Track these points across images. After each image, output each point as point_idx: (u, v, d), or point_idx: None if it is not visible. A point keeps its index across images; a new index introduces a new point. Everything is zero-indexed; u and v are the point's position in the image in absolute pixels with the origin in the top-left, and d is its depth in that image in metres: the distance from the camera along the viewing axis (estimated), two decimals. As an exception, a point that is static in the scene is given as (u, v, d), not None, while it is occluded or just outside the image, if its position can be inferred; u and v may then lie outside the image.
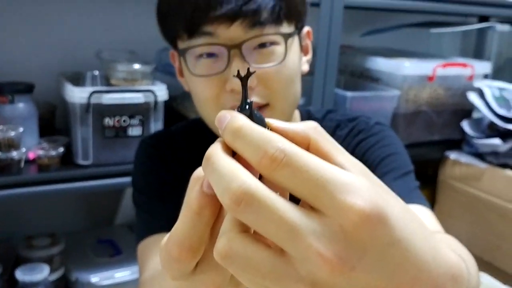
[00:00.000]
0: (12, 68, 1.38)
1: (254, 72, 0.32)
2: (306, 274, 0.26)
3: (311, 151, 0.28)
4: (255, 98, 0.67)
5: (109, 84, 1.23)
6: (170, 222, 0.63)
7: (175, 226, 0.33)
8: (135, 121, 1.23)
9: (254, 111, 0.31)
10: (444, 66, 1.55)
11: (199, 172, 0.32)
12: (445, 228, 0.64)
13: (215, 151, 0.29)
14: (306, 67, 0.75)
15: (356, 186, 0.26)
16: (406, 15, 1.96)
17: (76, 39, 1.49)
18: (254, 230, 0.27)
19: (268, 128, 0.30)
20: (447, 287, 0.30)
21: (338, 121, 0.81)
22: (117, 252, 1.42)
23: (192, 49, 0.65)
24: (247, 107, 0.31)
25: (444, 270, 0.30)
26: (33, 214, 1.52)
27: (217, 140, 0.30)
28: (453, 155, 1.63)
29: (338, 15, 1.39)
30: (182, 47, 0.67)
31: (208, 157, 0.29)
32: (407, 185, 0.71)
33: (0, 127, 1.12)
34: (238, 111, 0.31)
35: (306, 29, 0.74)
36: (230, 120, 0.29)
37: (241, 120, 0.29)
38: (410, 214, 0.29)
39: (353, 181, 0.26)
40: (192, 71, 0.66)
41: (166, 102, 1.27)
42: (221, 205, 0.31)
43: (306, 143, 0.29)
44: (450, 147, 1.67)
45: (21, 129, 1.13)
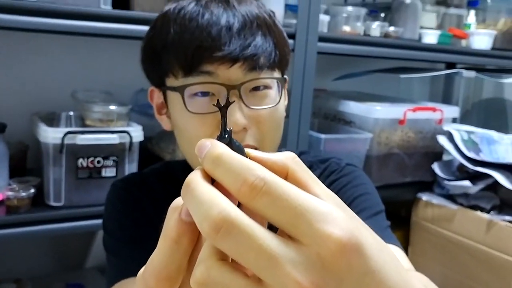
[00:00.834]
0: (-15, 108, 1.36)
1: (233, 101, 0.33)
2: None
3: (289, 181, 0.29)
4: (249, 140, 0.68)
5: (84, 125, 1.22)
6: (141, 267, 0.61)
7: (152, 256, 0.33)
8: (110, 162, 1.21)
9: (233, 139, 0.32)
10: (414, 110, 1.60)
11: (177, 202, 0.32)
12: (418, 269, 0.64)
13: (195, 178, 0.29)
14: (285, 113, 0.77)
15: (333, 216, 0.27)
16: (377, 61, 2.03)
17: (51, 79, 1.49)
18: (232, 259, 0.27)
19: (247, 157, 0.30)
20: None
21: (311, 162, 0.83)
22: (86, 297, 1.38)
23: (190, 87, 0.66)
24: (226, 136, 0.32)
25: None
26: (-1, 257, 1.47)
27: (196, 168, 0.30)
28: (425, 197, 1.66)
29: (312, 60, 1.44)
30: (177, 85, 0.67)
31: (188, 183, 0.29)
32: (379, 224, 0.73)
33: (-31, 167, 1.10)
34: (218, 139, 0.31)
35: (285, 77, 0.77)
36: (210, 148, 0.29)
37: (221, 148, 0.29)
38: (383, 246, 0.30)
39: (330, 211, 0.27)
40: (188, 108, 0.67)
41: (141, 143, 1.27)
42: (199, 233, 0.31)
43: (285, 172, 0.30)
44: (422, 189, 1.70)
45: (-9, 170, 1.11)
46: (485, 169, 1.50)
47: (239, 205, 0.28)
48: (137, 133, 1.24)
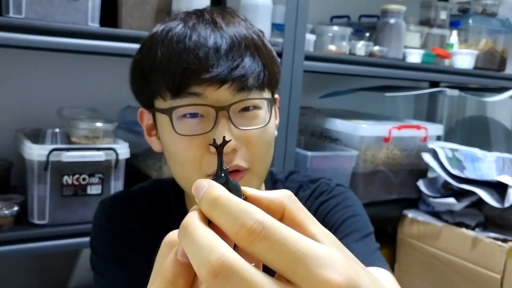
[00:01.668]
0: (-32, 124, 1.35)
1: (230, 141, 0.33)
2: None
3: (285, 220, 0.29)
4: (239, 161, 0.67)
5: (70, 142, 1.21)
6: (128, 286, 0.60)
7: None
8: (95, 180, 1.21)
9: (230, 178, 0.32)
10: (399, 128, 1.62)
11: (171, 238, 0.32)
12: (404, 286, 0.64)
13: (192, 220, 0.29)
14: (276, 132, 0.77)
15: (332, 260, 0.27)
16: (362, 79, 2.06)
17: (36, 96, 1.48)
18: None
19: (243, 196, 0.31)
20: None
21: (301, 182, 0.83)
22: (70, 317, 1.35)
23: (178, 109, 0.65)
24: (222, 175, 0.31)
25: None
26: (-20, 277, 1.44)
27: (193, 208, 0.30)
28: (410, 214, 1.67)
29: (298, 79, 1.45)
30: (165, 107, 0.66)
31: (185, 226, 0.29)
32: (368, 247, 0.72)
33: (-48, 184, 1.08)
34: (214, 179, 0.31)
35: (276, 96, 0.77)
36: (207, 189, 0.29)
37: (219, 190, 0.29)
38: (377, 284, 0.30)
39: (329, 255, 0.27)
40: (176, 131, 0.66)
41: (127, 160, 1.26)
42: (195, 273, 0.30)
43: (281, 211, 0.30)
44: (408, 206, 1.71)
45: (-26, 187, 1.09)
46: (470, 186, 1.52)
47: (234, 246, 0.28)
48: (123, 150, 1.24)
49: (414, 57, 1.78)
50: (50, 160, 1.14)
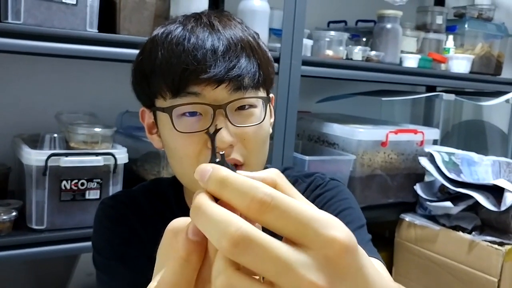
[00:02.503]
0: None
1: (221, 128, 0.35)
2: None
3: None
4: (235, 155, 0.70)
5: (69, 147, 1.21)
6: (130, 283, 0.62)
7: (162, 276, 0.35)
8: (93, 184, 1.21)
9: (226, 161, 0.35)
10: (396, 133, 1.63)
11: (175, 225, 0.34)
12: (402, 290, 0.65)
13: (204, 200, 0.31)
14: (271, 129, 0.80)
15: (334, 221, 0.30)
16: (359, 84, 2.07)
17: (35, 101, 1.48)
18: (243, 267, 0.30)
19: None
20: None
21: (296, 177, 0.86)
22: (68, 322, 1.35)
23: (178, 107, 0.68)
24: (217, 160, 0.34)
25: None
26: (-22, 282, 1.43)
27: (198, 192, 0.32)
28: (408, 217, 1.68)
29: (296, 83, 1.46)
30: (166, 105, 0.70)
31: (198, 206, 0.31)
32: (362, 237, 0.76)
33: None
34: (212, 163, 0.34)
35: (271, 95, 0.79)
36: (213, 171, 0.32)
37: (225, 170, 0.32)
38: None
39: (330, 217, 0.30)
40: (176, 128, 0.69)
41: (126, 165, 1.26)
42: (206, 250, 0.34)
43: (273, 187, 0.32)
44: (405, 210, 1.72)
45: (-28, 192, 1.09)
46: (466, 190, 1.53)
47: None
48: (121, 155, 1.24)
49: (411, 61, 1.79)
50: (48, 165, 1.14)
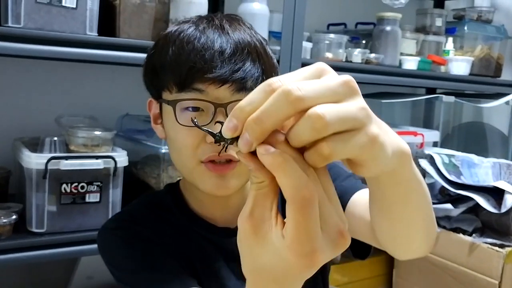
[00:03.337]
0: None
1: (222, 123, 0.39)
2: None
3: None
4: (231, 152, 0.70)
5: (69, 150, 1.22)
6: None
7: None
8: (94, 188, 1.21)
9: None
10: (396, 134, 1.63)
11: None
12: (402, 292, 0.65)
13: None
14: None
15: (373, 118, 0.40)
16: (359, 86, 2.06)
17: (35, 104, 1.49)
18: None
19: None
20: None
21: None
22: (68, 326, 1.35)
23: (182, 102, 0.71)
24: (216, 132, 0.39)
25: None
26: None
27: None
28: (408, 220, 1.67)
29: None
30: (171, 99, 0.73)
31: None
32: (355, 180, 0.82)
33: (-50, 193, 1.08)
34: (217, 141, 0.39)
35: None
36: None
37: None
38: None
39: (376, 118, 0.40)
40: (178, 121, 0.72)
41: (126, 168, 1.26)
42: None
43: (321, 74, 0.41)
44: (405, 212, 1.71)
45: (-28, 196, 1.09)
46: (467, 192, 1.53)
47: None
48: (121, 158, 1.24)
49: (410, 64, 1.79)
50: (48, 168, 1.14)
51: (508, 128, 2.13)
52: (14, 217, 1.14)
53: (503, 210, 1.46)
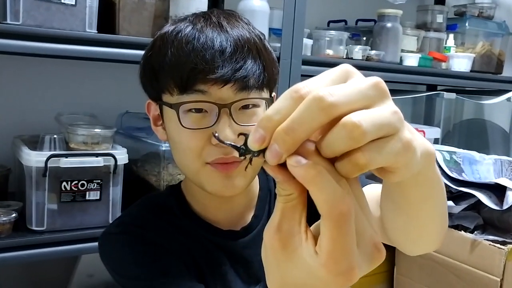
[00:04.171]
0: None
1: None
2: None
3: None
4: (236, 153, 0.68)
5: (69, 148, 1.21)
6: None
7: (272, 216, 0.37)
8: (94, 185, 1.20)
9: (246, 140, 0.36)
10: (397, 131, 1.62)
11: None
12: (404, 289, 0.65)
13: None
14: None
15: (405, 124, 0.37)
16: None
17: (35, 102, 1.48)
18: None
19: None
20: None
21: None
22: (69, 324, 1.35)
23: (185, 104, 0.70)
24: (240, 146, 0.37)
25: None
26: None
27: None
28: (409, 217, 1.67)
29: (296, 83, 1.45)
30: (173, 102, 0.71)
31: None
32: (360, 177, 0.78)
33: (-50, 192, 1.08)
34: (241, 154, 0.36)
35: (273, 95, 0.81)
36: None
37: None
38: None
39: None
40: (182, 124, 0.71)
41: (126, 165, 1.26)
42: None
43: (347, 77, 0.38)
44: (406, 209, 1.71)
45: (-28, 194, 1.09)
46: (468, 189, 1.52)
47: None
48: (121, 156, 1.24)
49: (411, 60, 1.78)
50: (48, 166, 1.14)
51: (510, 124, 2.12)
52: (14, 215, 1.14)
53: (505, 207, 1.46)
